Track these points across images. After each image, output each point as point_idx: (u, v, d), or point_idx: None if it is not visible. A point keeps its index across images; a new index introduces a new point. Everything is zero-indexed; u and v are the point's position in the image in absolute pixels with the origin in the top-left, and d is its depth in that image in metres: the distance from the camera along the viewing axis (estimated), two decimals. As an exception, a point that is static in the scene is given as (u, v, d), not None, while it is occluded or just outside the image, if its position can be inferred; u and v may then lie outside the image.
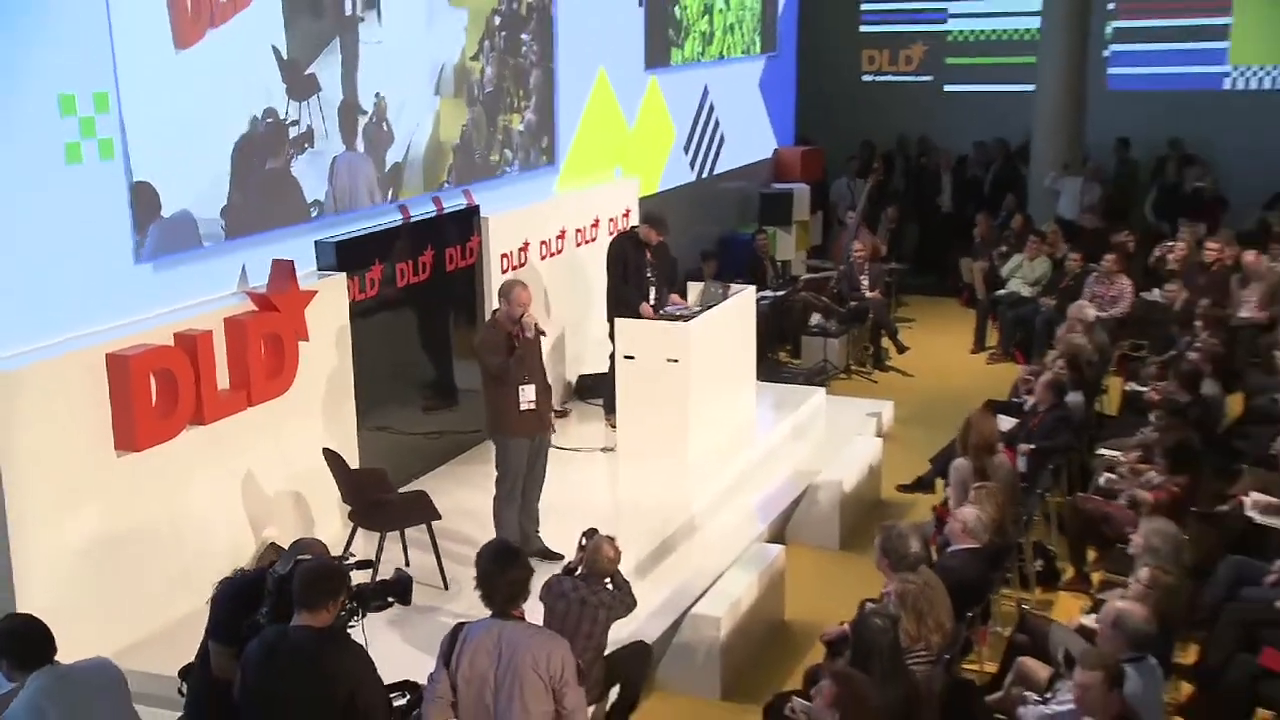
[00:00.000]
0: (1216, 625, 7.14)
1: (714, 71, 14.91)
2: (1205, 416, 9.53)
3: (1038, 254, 14.84)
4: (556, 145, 11.84)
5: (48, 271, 6.84)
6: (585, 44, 12.16)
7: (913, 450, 10.89)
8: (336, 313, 8.57)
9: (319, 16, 8.25)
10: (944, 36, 19.71)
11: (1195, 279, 13.34)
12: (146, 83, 7.26)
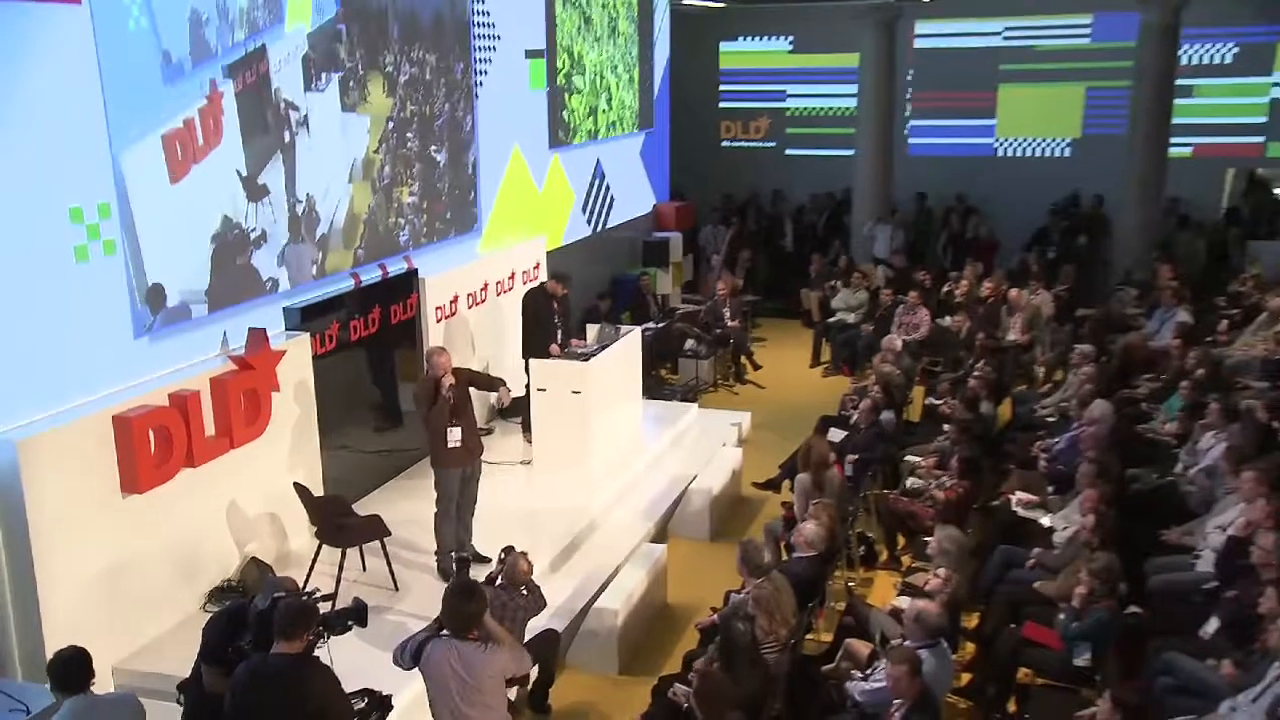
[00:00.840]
0: (990, 602, 7.29)
1: (604, 147, 14.86)
2: (983, 430, 9.70)
3: (858, 287, 15.04)
4: (479, 213, 11.70)
5: (62, 349, 6.63)
6: (502, 127, 12.03)
7: (766, 452, 10.91)
8: (302, 366, 8.38)
9: (266, 133, 8.09)
10: (784, 111, 19.75)
11: (975, 309, 13.54)
12: (146, 202, 7.14)
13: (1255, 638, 5.72)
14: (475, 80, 11.32)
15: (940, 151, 18.77)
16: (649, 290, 14.92)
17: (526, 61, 12.55)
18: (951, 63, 18.40)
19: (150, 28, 7.06)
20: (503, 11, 11.69)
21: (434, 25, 9.57)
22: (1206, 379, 9.72)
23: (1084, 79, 17.72)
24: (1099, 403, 9.05)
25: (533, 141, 12.90)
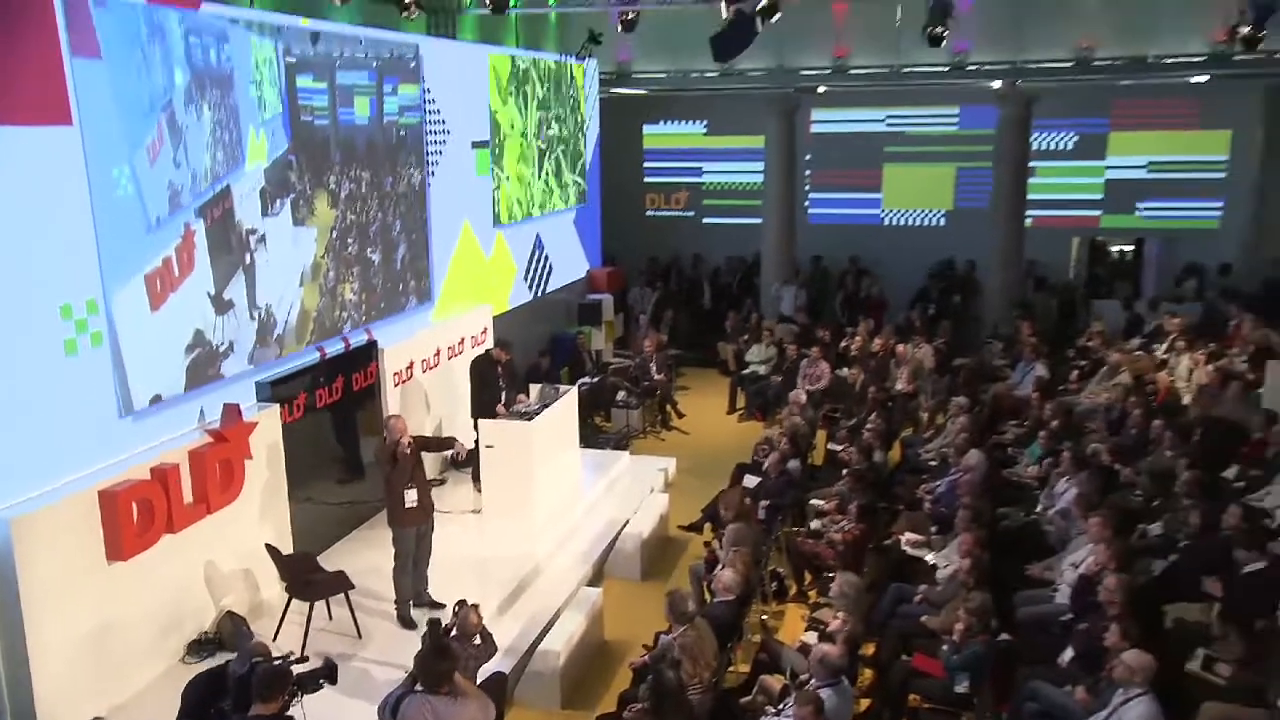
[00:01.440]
0: (885, 634, 7.36)
1: (542, 222, 14.90)
2: (876, 477, 9.80)
3: (768, 342, 15.22)
4: (432, 286, 11.66)
5: (53, 430, 6.48)
6: (454, 207, 12.03)
7: (691, 495, 10.88)
8: (272, 433, 8.25)
9: (230, 254, 8.04)
10: (700, 185, 19.94)
11: (868, 362, 13.75)
12: (129, 330, 7.08)
13: (1104, 666, 5.89)
14: (428, 169, 11.34)
15: (836, 220, 19.05)
16: (584, 347, 14.95)
17: (474, 151, 12.59)
18: (843, 145, 18.76)
19: (135, 193, 7.05)
20: (451, 110, 11.73)
21: (367, 147, 9.62)
22: (1061, 429, 10.00)
23: (954, 160, 18.22)
24: (973, 452, 9.25)
25: (480, 219, 12.91)
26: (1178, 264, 17.34)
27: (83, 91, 6.51)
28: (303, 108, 8.76)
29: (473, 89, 12.49)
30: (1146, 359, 12.97)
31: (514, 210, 13.86)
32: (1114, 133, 17.55)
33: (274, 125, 8.44)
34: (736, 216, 19.43)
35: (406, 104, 10.01)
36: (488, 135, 12.90)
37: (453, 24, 12.28)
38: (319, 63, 8.93)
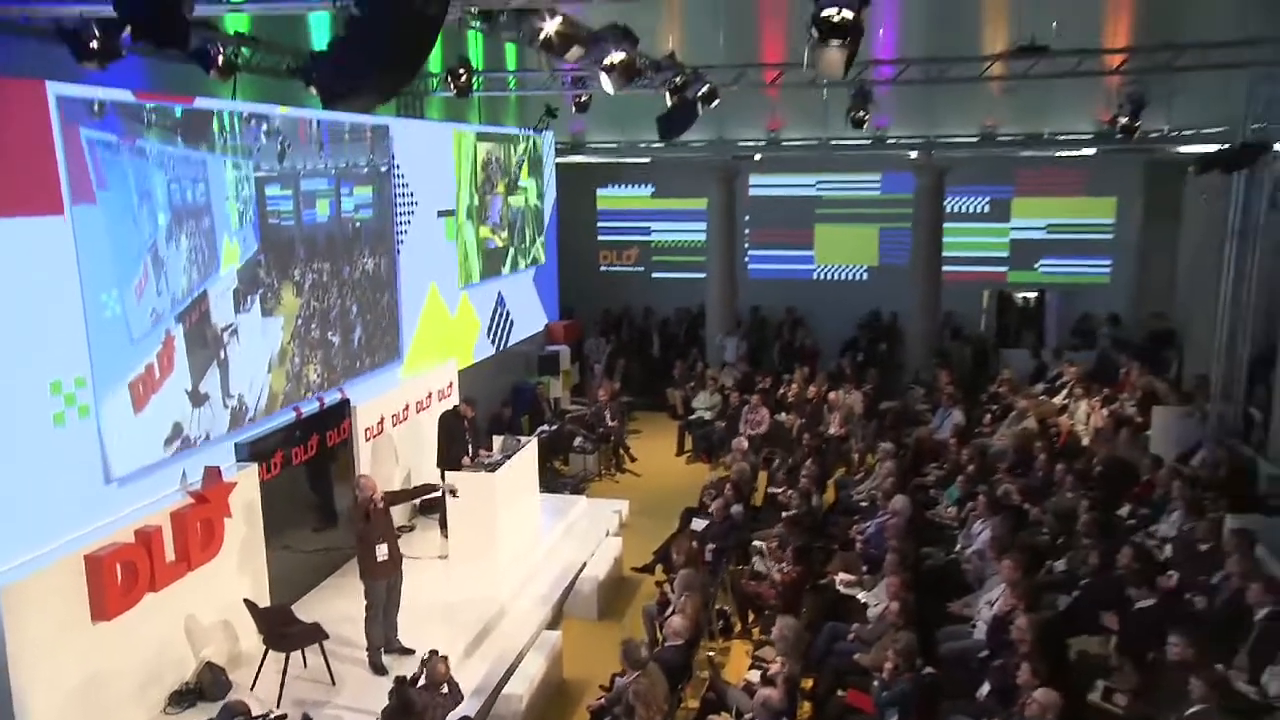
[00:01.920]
0: (821, 670, 7.38)
1: (504, 281, 14.92)
2: (812, 520, 9.88)
3: (712, 389, 15.34)
4: (401, 345, 11.59)
5: (43, 497, 6.34)
6: (422, 270, 12.00)
7: (643, 535, 10.89)
8: (250, 491, 8.15)
9: (205, 349, 7.95)
10: (649, 243, 20.09)
11: (804, 408, 13.94)
12: (114, 430, 6.97)
13: (1017, 703, 5.98)
14: (397, 235, 11.33)
15: (773, 275, 19.25)
16: (543, 396, 14.94)
17: (440, 219, 12.60)
18: (778, 207, 19.01)
19: (122, 314, 7.02)
20: (419, 182, 11.74)
21: (327, 241, 9.57)
22: (976, 472, 10.18)
23: (877, 221, 18.56)
24: (899, 497, 9.36)
25: (446, 280, 12.90)
26: (1075, 314, 17.81)
27: (80, 229, 6.56)
28: (270, 212, 8.73)
29: (439, 163, 12.53)
30: (1050, 404, 13.29)
31: (477, 272, 13.86)
32: (1017, 198, 18.05)
33: (245, 231, 8.40)
34: (683, 271, 19.56)
35: (361, 202, 10.04)
36: (453, 204, 12.93)
37: (421, 105, 12.35)
38: (286, 174, 8.93)
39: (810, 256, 19.17)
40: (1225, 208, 11.26)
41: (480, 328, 14.17)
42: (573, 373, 16.91)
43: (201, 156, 7.82)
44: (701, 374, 16.03)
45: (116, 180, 6.90)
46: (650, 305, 19.68)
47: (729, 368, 16.41)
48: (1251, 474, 9.69)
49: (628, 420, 15.48)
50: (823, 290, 19.00)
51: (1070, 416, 12.75)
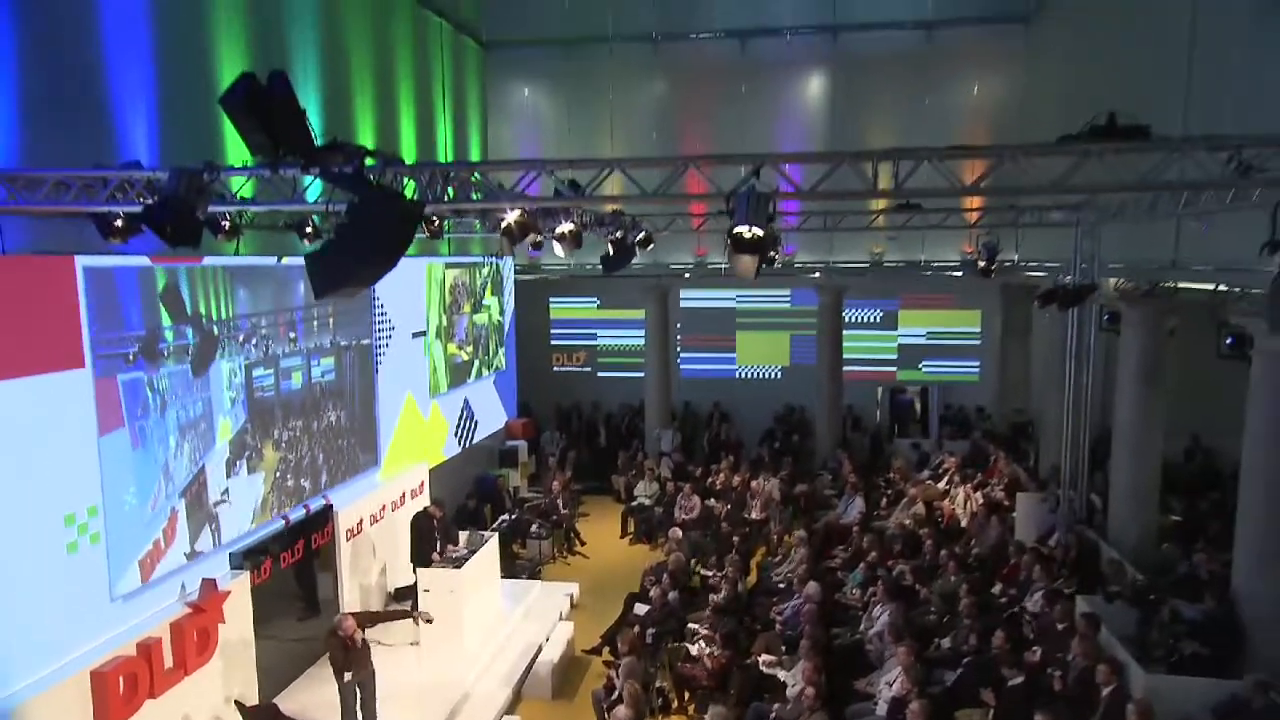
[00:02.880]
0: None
1: (469, 388, 14.99)
2: (738, 604, 9.91)
3: (651, 478, 15.45)
4: (379, 451, 11.55)
5: (54, 619, 6.18)
6: (399, 383, 12.04)
7: (592, 615, 10.86)
8: (242, 598, 7.99)
9: (201, 510, 7.91)
10: (596, 346, 20.23)
11: (730, 495, 14.10)
12: (125, 582, 6.89)
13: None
14: (376, 353, 11.39)
15: (701, 375, 19.48)
16: (504, 488, 14.86)
17: (415, 339, 12.71)
18: (705, 316, 19.36)
19: (139, 504, 7.06)
20: (396, 309, 11.89)
21: (300, 404, 9.56)
22: (878, 559, 10.40)
23: (788, 329, 19.03)
24: (811, 584, 9.51)
25: (420, 390, 12.94)
26: (952, 408, 18.45)
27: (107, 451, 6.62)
28: (256, 389, 8.79)
29: (413, 292, 12.70)
30: (934, 488, 13.67)
31: (446, 384, 13.92)
32: (903, 310, 18.75)
33: (236, 409, 8.45)
34: (625, 371, 19.71)
35: (326, 370, 10.14)
36: (425, 326, 13.06)
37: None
38: (269, 358, 9.00)
39: (733, 359, 19.52)
40: (1063, 330, 11.95)
41: (448, 430, 14.16)
42: (530, 464, 16.86)
43: (205, 377, 7.97)
44: (641, 464, 16.13)
45: (140, 413, 7.05)
46: (597, 400, 19.77)
47: (665, 458, 16.50)
48: (1096, 556, 10.07)
49: (578, 505, 15.48)
50: (744, 387, 19.29)
51: (952, 501, 13.13)
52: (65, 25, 6.75)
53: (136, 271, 6.94)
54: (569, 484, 15.13)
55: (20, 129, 6.21)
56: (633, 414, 19.13)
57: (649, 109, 17.25)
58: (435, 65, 14.87)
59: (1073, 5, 13.67)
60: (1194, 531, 10.69)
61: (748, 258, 5.00)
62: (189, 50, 8.17)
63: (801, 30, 16.50)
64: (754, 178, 5.25)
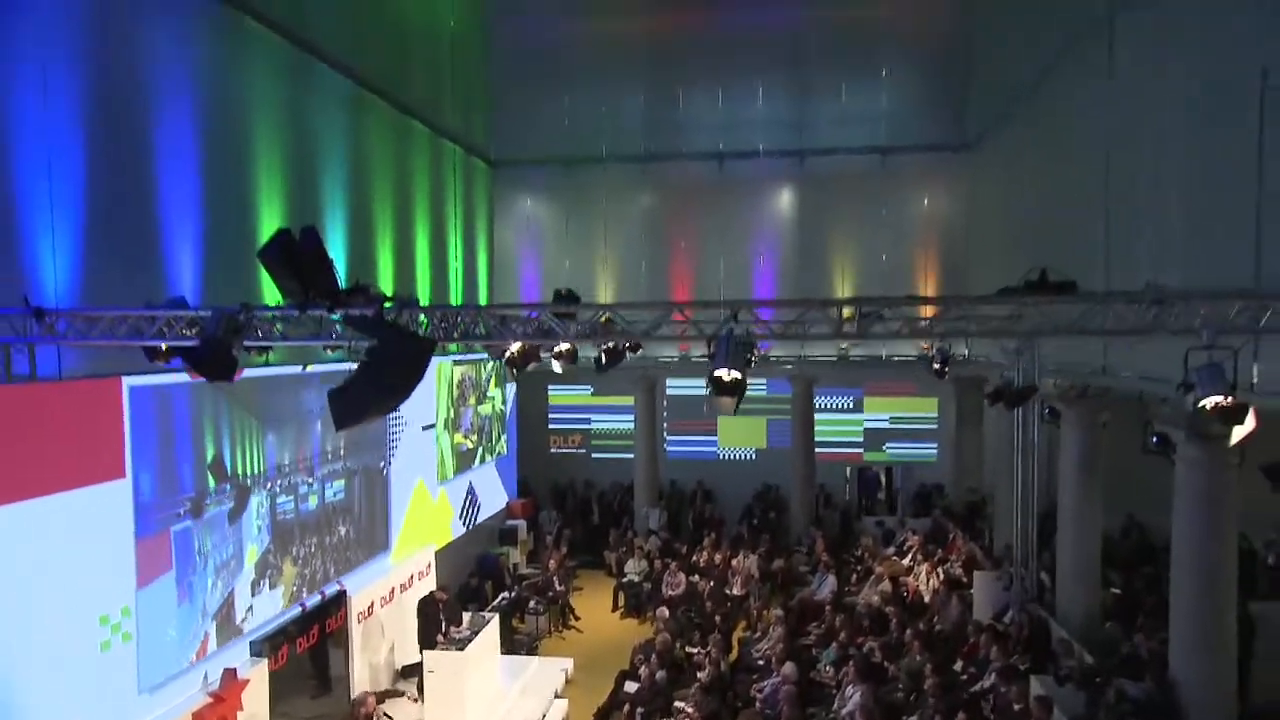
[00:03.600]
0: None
1: (473, 473, 15.00)
2: (721, 683, 9.68)
3: (640, 556, 15.31)
4: (390, 537, 11.49)
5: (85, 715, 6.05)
6: (410, 470, 12.06)
7: (586, 690, 10.62)
8: (260, 682, 7.86)
9: (230, 625, 7.93)
10: (590, 430, 20.21)
11: (712, 572, 13.96)
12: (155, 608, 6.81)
13: None
14: (389, 449, 11.45)
15: (686, 456, 19.43)
16: (504, 566, 14.73)
17: (425, 431, 12.80)
18: (689, 403, 19.35)
19: (177, 638, 7.12)
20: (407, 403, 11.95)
21: (315, 524, 9.54)
22: (849, 639, 10.29)
23: (765, 414, 19.07)
24: (789, 664, 9.37)
25: (429, 476, 12.95)
26: (914, 486, 18.51)
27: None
28: (279, 513, 8.87)
29: (424, 387, 12.81)
30: (899, 565, 13.62)
31: (452, 470, 13.95)
32: (868, 397, 18.98)
33: (262, 535, 8.54)
34: (616, 452, 19.62)
35: (336, 491, 10.18)
36: (434, 419, 13.17)
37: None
38: (290, 487, 9.11)
39: (715, 441, 19.55)
40: (1010, 422, 12.15)
41: (454, 513, 14.12)
42: (529, 541, 16.72)
43: (238, 524, 8.11)
44: (631, 541, 16.01)
45: (185, 558, 7.19)
46: (590, 479, 19.69)
47: (653, 535, 16.41)
48: (1047, 633, 10.03)
49: (573, 580, 15.30)
50: (724, 467, 19.27)
51: (916, 578, 13.07)
52: (127, 178, 7.08)
53: (190, 438, 7.21)
54: (564, 561, 15.00)
55: (84, 268, 6.45)
56: (624, 492, 18.98)
57: (638, 219, 17.80)
58: (448, 182, 15.39)
59: (1005, 142, 14.37)
60: (1133, 607, 10.66)
61: (727, 399, 5.18)
62: (233, 198, 8.52)
63: (772, 153, 17.21)
64: (732, 321, 5.48)
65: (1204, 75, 7.92)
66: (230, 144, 8.55)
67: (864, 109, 16.68)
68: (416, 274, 13.50)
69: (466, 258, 16.17)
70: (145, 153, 7.31)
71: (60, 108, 6.51)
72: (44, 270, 6.19)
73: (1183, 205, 8.28)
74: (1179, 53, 8.37)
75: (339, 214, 11.13)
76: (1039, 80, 12.26)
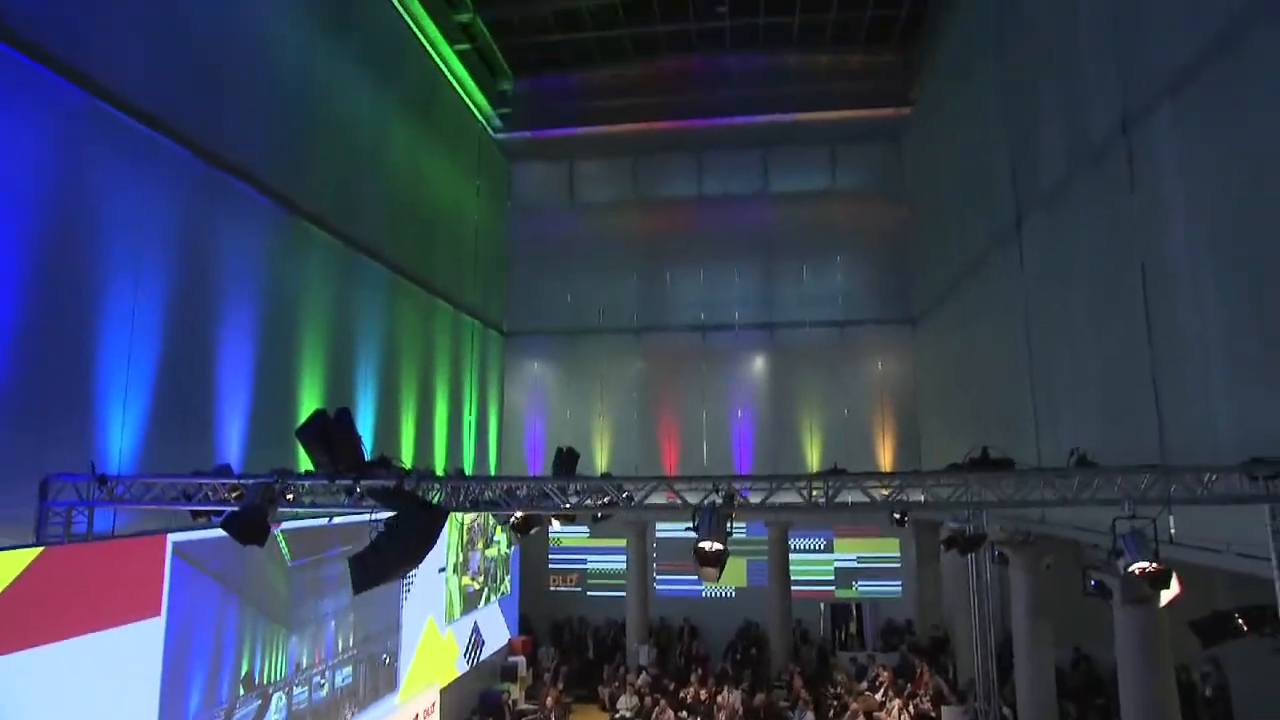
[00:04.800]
0: None
1: (478, 613, 14.38)
2: None
3: (631, 693, 14.36)
4: (398, 677, 10.84)
5: None
6: (422, 610, 11.56)
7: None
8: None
9: None
10: (586, 570, 19.56)
11: (698, 708, 13.06)
12: None
13: None
14: (404, 588, 11.05)
15: (674, 595, 18.75)
16: (505, 702, 13.77)
17: (439, 574, 12.42)
18: (676, 545, 18.78)
19: None
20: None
21: (326, 709, 9.03)
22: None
23: (745, 555, 18.52)
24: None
25: (439, 615, 12.41)
26: (882, 621, 17.72)
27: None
28: (294, 703, 8.43)
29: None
30: (872, 700, 12.81)
31: (459, 611, 13.41)
32: (837, 539, 18.60)
33: None
34: (610, 591, 18.92)
35: (345, 677, 9.51)
36: (444, 563, 12.83)
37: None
38: (305, 681, 8.69)
39: (699, 580, 18.88)
40: (965, 565, 11.89)
41: (459, 653, 13.41)
42: (528, 676, 15.74)
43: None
44: (623, 678, 15.08)
45: None
46: (585, 616, 18.83)
47: (644, 671, 15.48)
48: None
49: (568, 715, 14.27)
50: (709, 605, 18.52)
51: (888, 713, 12.26)
52: (192, 362, 7.39)
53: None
54: (561, 697, 14.07)
55: (146, 438, 6.59)
56: (617, 629, 18.12)
57: (631, 382, 18.24)
58: (466, 351, 15.92)
59: (943, 320, 15.12)
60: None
61: (710, 569, 5.18)
62: (279, 376, 8.85)
63: (746, 326, 17.98)
64: (715, 494, 5.57)
65: (1096, 270, 8.52)
66: (281, 327, 8.97)
67: (823, 290, 17.65)
68: (435, 436, 13.67)
69: (480, 415, 16.40)
70: (210, 338, 7.67)
71: (147, 301, 6.92)
72: (112, 440, 6.32)
73: (1094, 380, 8.61)
74: (1074, 251, 9.04)
75: (370, 386, 11.46)
76: (967, 272, 13.10)
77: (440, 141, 14.64)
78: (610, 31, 16.07)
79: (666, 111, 17.60)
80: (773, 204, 18.04)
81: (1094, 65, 8.39)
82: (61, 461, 5.80)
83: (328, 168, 10.07)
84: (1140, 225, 7.53)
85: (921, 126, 16.36)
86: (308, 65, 9.74)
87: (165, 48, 7.27)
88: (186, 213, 7.44)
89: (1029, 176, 10.33)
